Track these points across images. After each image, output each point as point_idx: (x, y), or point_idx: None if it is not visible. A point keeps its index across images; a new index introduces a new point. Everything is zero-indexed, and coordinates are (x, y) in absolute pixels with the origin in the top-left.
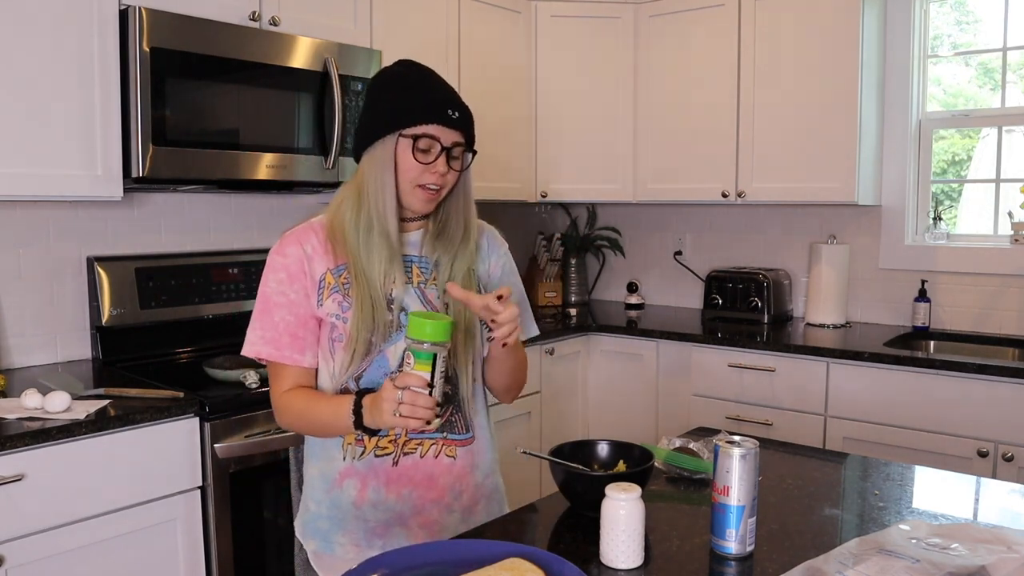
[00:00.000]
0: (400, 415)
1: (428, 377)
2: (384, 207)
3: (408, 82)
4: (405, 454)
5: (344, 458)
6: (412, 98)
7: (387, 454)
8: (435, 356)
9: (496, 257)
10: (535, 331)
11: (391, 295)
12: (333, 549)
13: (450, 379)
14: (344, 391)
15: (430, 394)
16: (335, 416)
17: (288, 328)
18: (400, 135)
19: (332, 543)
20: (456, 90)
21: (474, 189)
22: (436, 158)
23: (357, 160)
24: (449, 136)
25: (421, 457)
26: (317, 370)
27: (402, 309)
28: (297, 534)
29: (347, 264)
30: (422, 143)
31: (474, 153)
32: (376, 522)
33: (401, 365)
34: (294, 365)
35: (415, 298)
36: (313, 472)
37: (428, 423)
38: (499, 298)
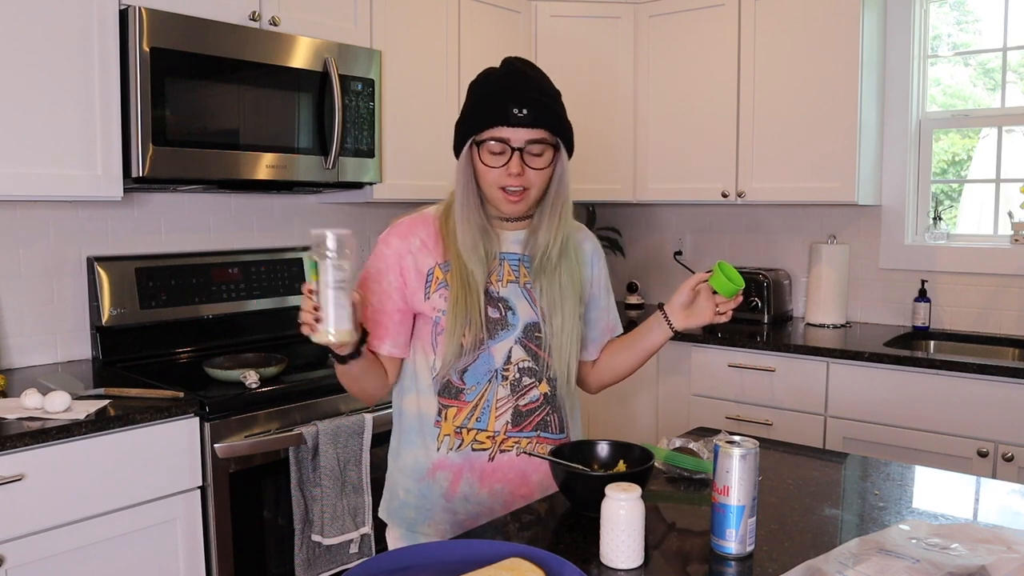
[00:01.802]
0: (303, 322)
1: (312, 285)
2: (470, 211)
3: (488, 84)
4: (502, 451)
5: (439, 449)
6: (481, 101)
7: (484, 449)
8: (315, 264)
9: (599, 264)
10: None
11: (498, 293)
12: (417, 539)
13: (550, 381)
14: (447, 385)
15: (316, 301)
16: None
17: (373, 314)
18: (472, 141)
19: (417, 533)
20: (545, 87)
21: (570, 188)
22: (508, 160)
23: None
24: (520, 135)
25: (516, 455)
26: (406, 360)
27: (510, 308)
28: (382, 516)
29: (451, 261)
30: (492, 146)
31: (565, 149)
32: (465, 515)
33: (508, 362)
34: (391, 352)
35: (519, 296)
36: (407, 460)
37: (313, 329)
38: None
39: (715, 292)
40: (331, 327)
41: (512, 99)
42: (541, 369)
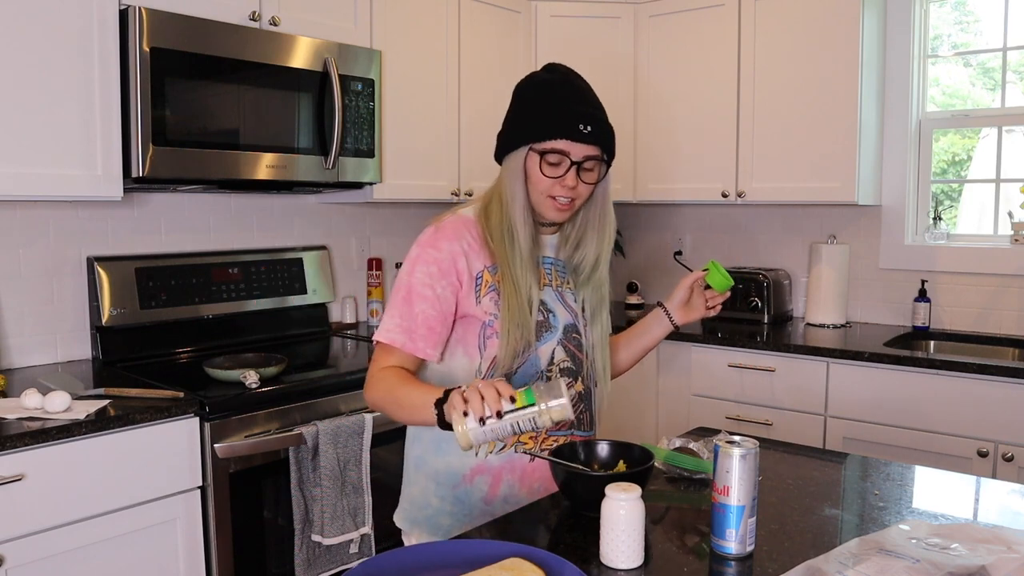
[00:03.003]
0: (464, 395)
1: (515, 397)
2: (516, 216)
3: (546, 93)
4: (543, 449)
5: (477, 454)
6: (546, 111)
7: (526, 451)
8: (533, 399)
9: None
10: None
11: (540, 297)
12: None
13: (584, 380)
14: None
15: (502, 411)
16: (423, 401)
17: (427, 321)
18: (531, 148)
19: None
20: (597, 100)
21: (605, 204)
22: (565, 172)
23: (498, 161)
24: (580, 150)
25: (516, 452)
26: (435, 364)
27: (550, 311)
28: (401, 525)
29: (497, 265)
30: (551, 157)
31: (609, 165)
32: (506, 508)
33: (551, 363)
34: (415, 355)
35: (555, 299)
36: (437, 467)
37: (460, 420)
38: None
39: (707, 288)
40: (474, 441)
41: (579, 114)
42: (578, 368)
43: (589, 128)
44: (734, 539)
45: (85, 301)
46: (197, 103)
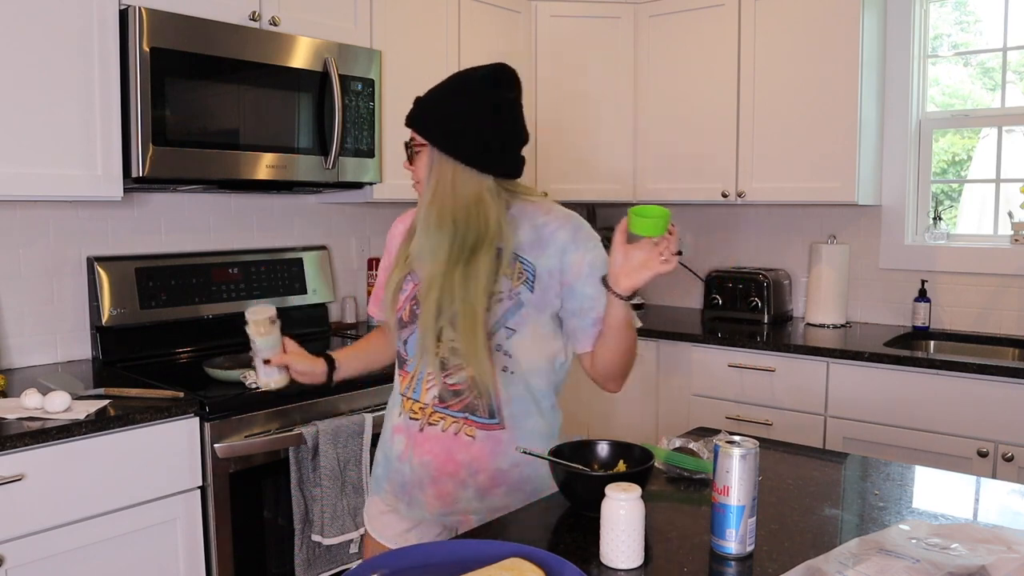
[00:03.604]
0: None
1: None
2: None
3: None
4: (430, 424)
5: (400, 414)
6: None
7: (416, 419)
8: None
9: (576, 252)
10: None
11: (392, 278)
12: (381, 492)
13: (444, 365)
14: (399, 354)
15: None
16: None
17: (377, 289)
18: None
19: (382, 489)
20: (442, 89)
21: (450, 183)
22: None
23: None
24: (410, 134)
25: (443, 431)
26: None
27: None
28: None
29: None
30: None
31: (446, 152)
32: (405, 478)
33: (439, 340)
34: (374, 316)
35: (409, 281)
36: (385, 423)
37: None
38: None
39: (636, 239)
40: (260, 381)
41: (415, 101)
42: None
43: (411, 110)
44: (734, 539)
45: (85, 301)
46: (197, 103)
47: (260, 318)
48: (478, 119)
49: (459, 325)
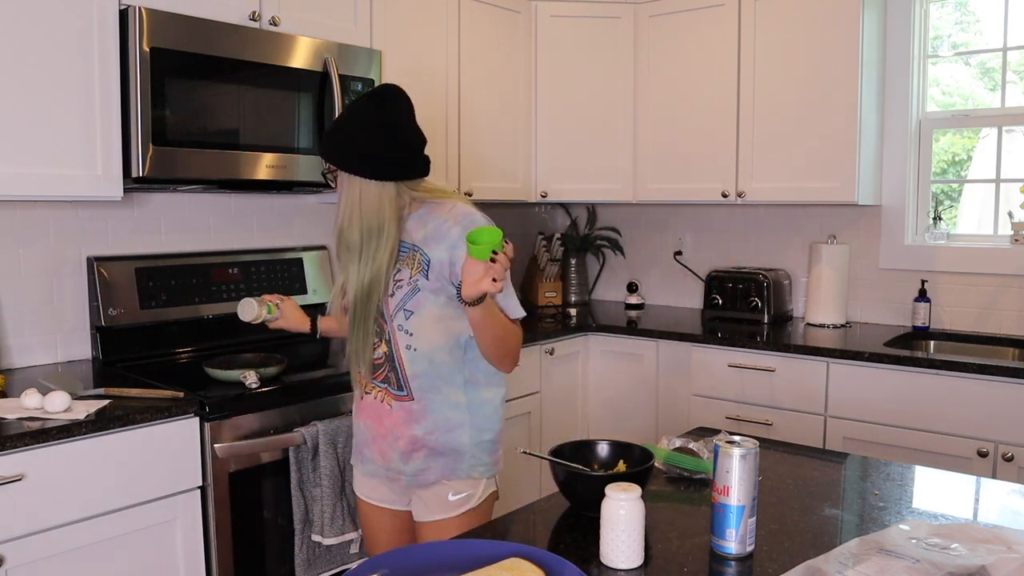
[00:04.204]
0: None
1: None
2: None
3: None
4: (366, 393)
5: (355, 388)
6: None
7: (359, 389)
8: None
9: (463, 248)
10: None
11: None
12: (353, 457)
13: (388, 343)
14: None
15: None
16: None
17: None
18: None
19: (356, 448)
20: (337, 119)
21: (357, 196)
22: None
23: None
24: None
25: (375, 399)
26: None
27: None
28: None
29: None
30: None
31: (350, 171)
32: (358, 440)
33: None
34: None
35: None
36: None
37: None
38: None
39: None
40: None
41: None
42: (380, 332)
43: (319, 144)
44: (734, 539)
45: (85, 301)
46: (197, 103)
47: (249, 318)
48: (370, 137)
49: (354, 311)
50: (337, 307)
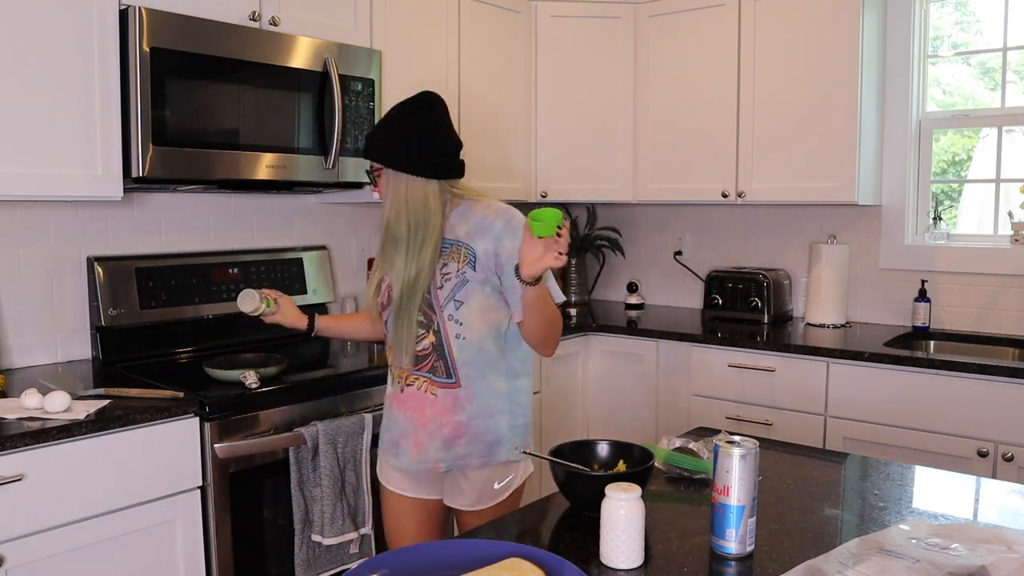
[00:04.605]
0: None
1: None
2: None
3: None
4: (407, 385)
5: (391, 384)
6: None
7: (399, 383)
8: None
9: (507, 239)
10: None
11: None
12: (387, 458)
13: (436, 333)
14: (388, 333)
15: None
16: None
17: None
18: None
19: (386, 453)
20: (384, 120)
21: (404, 192)
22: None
23: None
24: (370, 164)
25: (418, 389)
26: None
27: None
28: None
29: None
30: None
31: (394, 167)
32: (394, 435)
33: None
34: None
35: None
36: (385, 397)
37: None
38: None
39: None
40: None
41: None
42: (428, 323)
43: (364, 145)
44: (734, 539)
45: (85, 301)
46: (197, 103)
47: (249, 309)
48: (417, 138)
49: (399, 304)
50: (372, 304)
